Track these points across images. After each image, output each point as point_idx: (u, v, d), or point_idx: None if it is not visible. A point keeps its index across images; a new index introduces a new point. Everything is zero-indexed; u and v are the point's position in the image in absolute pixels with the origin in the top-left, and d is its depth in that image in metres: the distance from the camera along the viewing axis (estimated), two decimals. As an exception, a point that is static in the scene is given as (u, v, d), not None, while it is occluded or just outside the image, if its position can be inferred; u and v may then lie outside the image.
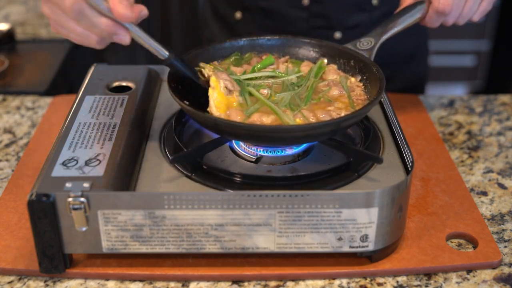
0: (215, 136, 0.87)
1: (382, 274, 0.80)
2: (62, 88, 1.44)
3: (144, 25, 0.80)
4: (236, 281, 0.79)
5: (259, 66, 0.95)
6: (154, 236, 0.76)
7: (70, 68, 1.53)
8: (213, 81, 0.87)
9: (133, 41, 0.80)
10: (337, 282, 0.79)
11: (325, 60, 0.99)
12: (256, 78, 0.93)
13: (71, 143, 0.83)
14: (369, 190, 0.75)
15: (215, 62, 0.97)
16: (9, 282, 0.79)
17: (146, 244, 0.77)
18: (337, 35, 1.26)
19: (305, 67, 0.96)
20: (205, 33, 1.45)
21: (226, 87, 0.87)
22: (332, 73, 0.95)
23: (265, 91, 0.89)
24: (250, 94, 0.88)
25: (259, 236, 0.77)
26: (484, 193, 0.96)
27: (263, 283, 0.79)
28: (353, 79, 0.94)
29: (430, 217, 0.88)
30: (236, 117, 0.83)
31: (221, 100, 0.86)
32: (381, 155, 0.88)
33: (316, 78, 0.93)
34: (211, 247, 0.78)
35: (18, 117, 1.17)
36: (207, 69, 0.92)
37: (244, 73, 0.94)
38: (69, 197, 0.73)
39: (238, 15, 1.31)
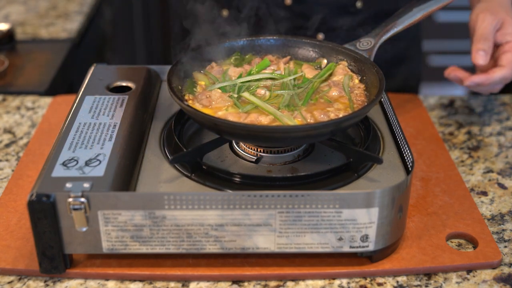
0: (215, 136, 0.87)
1: (382, 274, 0.80)
2: (62, 88, 1.44)
3: (144, 24, 0.80)
4: (236, 281, 0.79)
5: (256, 69, 0.95)
6: (154, 236, 0.76)
7: (70, 68, 1.53)
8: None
9: (132, 41, 0.80)
10: (337, 282, 0.79)
11: (325, 61, 0.98)
12: (253, 81, 0.92)
13: (71, 143, 0.83)
14: (369, 190, 0.75)
15: (213, 64, 0.97)
16: (9, 282, 0.79)
17: (146, 244, 0.77)
18: (320, 36, 1.25)
19: (306, 69, 0.96)
20: None
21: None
22: (342, 69, 0.95)
23: (262, 91, 0.89)
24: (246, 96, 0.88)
25: (259, 236, 0.77)
26: (484, 193, 0.96)
27: (263, 283, 0.79)
28: (356, 80, 0.94)
29: (430, 217, 0.88)
30: (233, 116, 0.83)
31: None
32: (381, 155, 0.88)
33: (321, 79, 0.93)
34: (211, 247, 0.78)
35: (18, 117, 1.17)
36: (200, 81, 0.93)
37: (240, 76, 0.93)
38: (69, 197, 0.73)
39: (224, 13, 1.31)
